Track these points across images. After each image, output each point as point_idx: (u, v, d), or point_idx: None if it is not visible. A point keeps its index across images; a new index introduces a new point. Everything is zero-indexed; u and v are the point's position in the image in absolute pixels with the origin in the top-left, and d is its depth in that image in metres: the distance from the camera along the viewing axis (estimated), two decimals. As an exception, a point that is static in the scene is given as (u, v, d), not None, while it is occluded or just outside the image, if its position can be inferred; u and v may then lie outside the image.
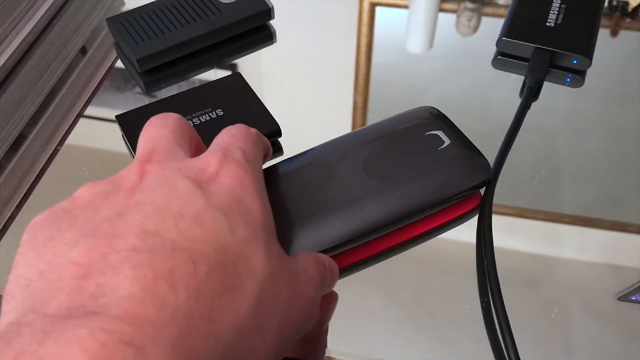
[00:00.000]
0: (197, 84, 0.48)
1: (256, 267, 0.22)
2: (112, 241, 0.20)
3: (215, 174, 0.24)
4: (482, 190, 0.38)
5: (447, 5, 0.56)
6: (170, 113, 0.28)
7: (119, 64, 0.50)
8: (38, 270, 0.20)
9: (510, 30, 0.47)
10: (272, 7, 0.50)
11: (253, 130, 0.29)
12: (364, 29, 0.54)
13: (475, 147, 0.37)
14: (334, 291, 0.29)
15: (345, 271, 0.35)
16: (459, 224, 0.37)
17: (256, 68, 0.50)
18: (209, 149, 0.26)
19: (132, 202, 0.21)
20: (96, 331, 0.17)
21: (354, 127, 0.46)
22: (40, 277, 0.19)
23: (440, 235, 0.37)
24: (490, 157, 0.40)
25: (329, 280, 0.27)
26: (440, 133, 0.37)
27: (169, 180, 0.22)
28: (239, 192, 0.23)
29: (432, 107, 0.39)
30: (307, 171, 0.35)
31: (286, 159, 0.38)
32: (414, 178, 0.35)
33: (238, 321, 0.20)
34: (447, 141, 0.36)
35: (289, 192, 0.34)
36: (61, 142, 0.44)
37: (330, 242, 0.32)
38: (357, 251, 0.35)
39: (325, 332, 0.30)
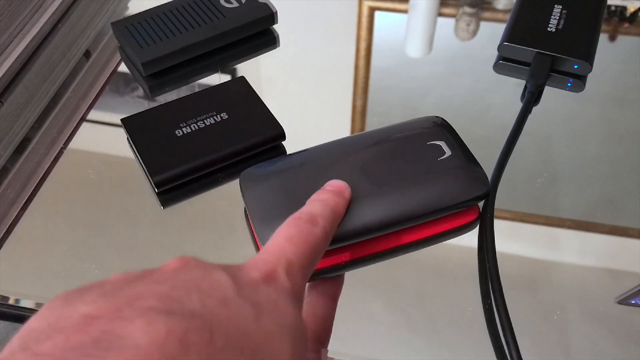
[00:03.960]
0: (202, 88, 0.48)
1: None
2: (131, 300, 0.19)
3: (255, 282, 0.22)
4: (481, 204, 0.38)
5: (446, 10, 0.57)
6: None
7: (122, 67, 0.50)
8: (46, 323, 0.18)
9: (512, 35, 0.47)
10: (276, 11, 0.50)
11: (327, 224, 0.28)
12: (363, 33, 0.55)
13: (476, 160, 0.37)
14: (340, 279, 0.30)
15: (334, 270, 0.35)
16: (456, 236, 0.37)
17: (259, 72, 0.51)
18: (259, 254, 0.25)
19: (161, 278, 0.21)
20: None
21: (353, 130, 0.46)
22: (46, 325, 0.18)
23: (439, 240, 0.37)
24: (491, 160, 0.40)
25: None
26: (442, 143, 0.37)
27: (207, 269, 0.22)
28: (273, 297, 0.22)
29: (437, 117, 0.40)
30: (304, 168, 0.36)
31: (286, 155, 0.38)
32: (408, 185, 0.35)
33: None
34: (448, 152, 0.36)
35: (284, 188, 0.34)
36: (65, 144, 0.44)
37: None
38: (348, 251, 0.35)
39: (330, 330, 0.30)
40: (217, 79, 0.49)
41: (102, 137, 0.47)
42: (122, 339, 0.17)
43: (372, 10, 0.57)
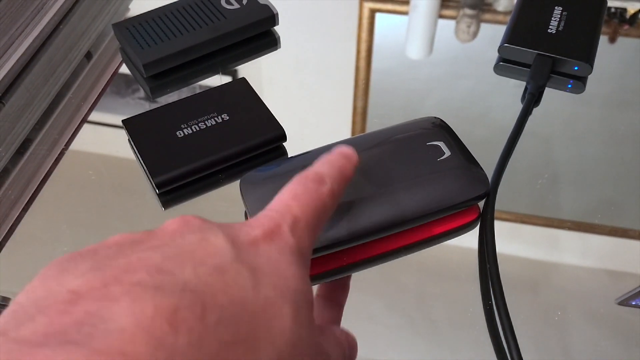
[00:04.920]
0: (203, 89, 0.48)
1: (277, 331, 0.19)
2: (120, 274, 0.18)
3: (255, 241, 0.22)
4: (481, 203, 0.38)
5: (446, 12, 0.57)
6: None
7: (123, 68, 0.51)
8: (34, 297, 0.18)
9: (512, 37, 0.47)
10: (277, 13, 0.50)
11: (334, 184, 0.26)
12: (364, 35, 0.55)
13: (475, 160, 0.37)
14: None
15: (335, 273, 0.35)
16: (456, 236, 0.37)
17: (260, 73, 0.51)
18: (263, 211, 0.24)
19: (157, 244, 0.20)
20: None
21: (353, 131, 0.46)
22: (33, 303, 0.17)
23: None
24: (492, 162, 0.40)
25: None
26: (441, 144, 0.37)
27: (204, 232, 0.21)
28: (275, 257, 0.21)
29: (436, 118, 0.40)
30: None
31: (285, 158, 0.38)
32: (409, 187, 0.35)
33: None
34: (447, 152, 0.36)
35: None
36: (66, 145, 0.45)
37: (320, 242, 0.32)
38: (349, 254, 0.35)
39: None
40: (218, 80, 0.49)
41: (103, 138, 0.47)
42: (106, 322, 0.16)
43: (372, 12, 0.57)
